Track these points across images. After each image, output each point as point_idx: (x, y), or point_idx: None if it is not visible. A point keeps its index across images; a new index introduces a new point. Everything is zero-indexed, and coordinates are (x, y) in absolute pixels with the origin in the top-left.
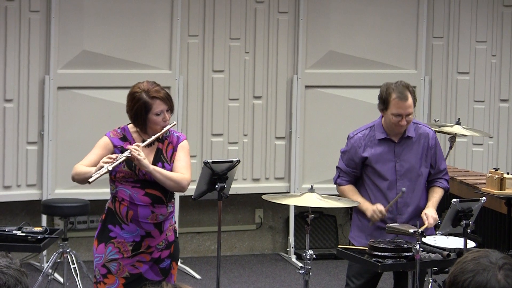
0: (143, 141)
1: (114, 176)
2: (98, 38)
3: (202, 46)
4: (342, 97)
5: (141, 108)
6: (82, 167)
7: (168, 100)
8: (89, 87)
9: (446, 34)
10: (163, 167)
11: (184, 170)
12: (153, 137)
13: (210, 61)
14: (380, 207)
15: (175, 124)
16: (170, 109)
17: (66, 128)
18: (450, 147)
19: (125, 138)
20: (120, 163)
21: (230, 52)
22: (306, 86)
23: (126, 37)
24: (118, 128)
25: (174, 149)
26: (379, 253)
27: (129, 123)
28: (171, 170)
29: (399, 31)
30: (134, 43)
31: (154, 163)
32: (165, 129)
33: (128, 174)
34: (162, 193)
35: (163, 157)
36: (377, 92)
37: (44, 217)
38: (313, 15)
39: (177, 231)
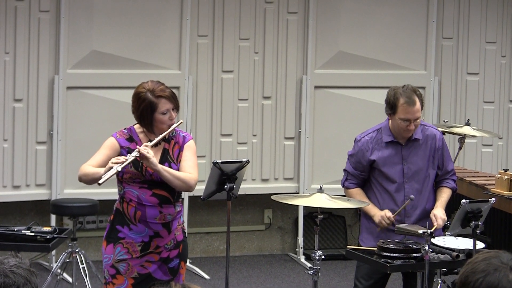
0: (150, 141)
1: (121, 177)
2: (107, 38)
3: (212, 46)
4: (352, 97)
5: (147, 108)
6: (89, 167)
7: (173, 99)
8: (99, 87)
9: (455, 34)
10: (170, 167)
11: (191, 170)
12: (160, 136)
13: (220, 61)
14: (388, 213)
15: (181, 122)
16: (176, 107)
17: (75, 128)
18: (460, 148)
19: (132, 138)
20: (129, 163)
21: (239, 52)
22: (316, 87)
23: (135, 37)
24: (124, 128)
25: (181, 149)
26: (388, 254)
27: (135, 124)
28: (177, 170)
29: (408, 32)
30: (144, 43)
31: (161, 163)
32: (172, 127)
33: (135, 175)
34: (169, 193)
35: (170, 157)
36: (386, 92)
37: (53, 217)
38: (323, 16)
39: (185, 231)
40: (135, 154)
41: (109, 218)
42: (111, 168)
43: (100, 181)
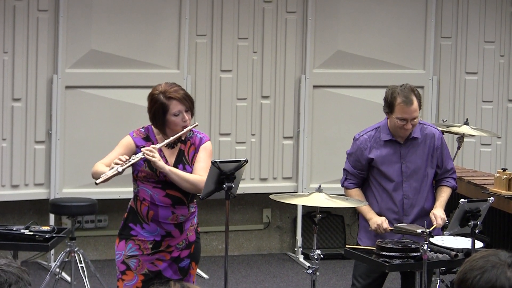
0: None
1: (136, 175)
2: (106, 38)
3: (210, 45)
4: (350, 97)
5: (158, 109)
6: (101, 165)
7: (186, 101)
8: (97, 86)
9: (454, 34)
10: (184, 169)
11: (202, 172)
12: (172, 138)
13: (218, 61)
14: (385, 224)
15: (197, 125)
16: (190, 109)
17: (74, 127)
18: (458, 147)
19: (148, 138)
20: (131, 164)
21: (238, 52)
22: (314, 86)
23: (134, 36)
24: (142, 127)
25: (196, 151)
26: (386, 253)
27: None
28: (191, 172)
29: (407, 31)
30: (142, 43)
31: (176, 164)
32: (185, 129)
33: (149, 175)
34: (183, 194)
35: (185, 158)
36: (385, 92)
37: (51, 216)
38: (321, 15)
39: (199, 232)
40: (139, 155)
41: (124, 216)
42: (113, 168)
43: (97, 181)
